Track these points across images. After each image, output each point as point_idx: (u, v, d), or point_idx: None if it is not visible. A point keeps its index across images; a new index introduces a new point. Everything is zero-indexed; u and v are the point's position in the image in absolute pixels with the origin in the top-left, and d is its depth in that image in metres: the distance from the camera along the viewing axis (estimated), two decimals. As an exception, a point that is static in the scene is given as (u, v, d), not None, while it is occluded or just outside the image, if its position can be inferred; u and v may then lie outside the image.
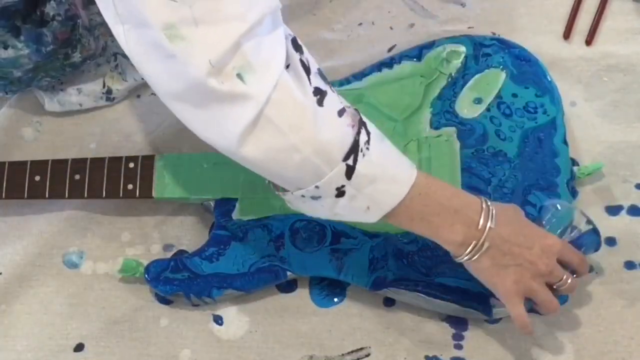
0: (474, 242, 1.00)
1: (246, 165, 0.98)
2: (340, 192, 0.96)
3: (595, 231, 1.11)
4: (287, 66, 0.94)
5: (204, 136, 0.97)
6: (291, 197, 1.00)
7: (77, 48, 1.20)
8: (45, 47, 1.17)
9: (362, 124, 0.98)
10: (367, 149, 0.96)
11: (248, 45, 0.91)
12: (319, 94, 0.96)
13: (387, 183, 0.97)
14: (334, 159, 0.95)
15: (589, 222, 1.11)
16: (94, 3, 1.07)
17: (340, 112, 0.96)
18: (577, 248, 1.09)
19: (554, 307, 1.06)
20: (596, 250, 1.12)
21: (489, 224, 1.00)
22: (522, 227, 1.04)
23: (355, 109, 1.00)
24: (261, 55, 0.92)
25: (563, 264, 1.07)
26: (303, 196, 0.98)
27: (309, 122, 0.94)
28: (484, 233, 1.00)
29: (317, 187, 0.96)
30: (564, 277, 1.06)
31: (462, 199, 1.01)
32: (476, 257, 1.01)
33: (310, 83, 0.95)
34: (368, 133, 0.98)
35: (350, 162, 0.95)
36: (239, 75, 0.91)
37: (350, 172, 0.95)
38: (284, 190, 1.00)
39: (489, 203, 1.02)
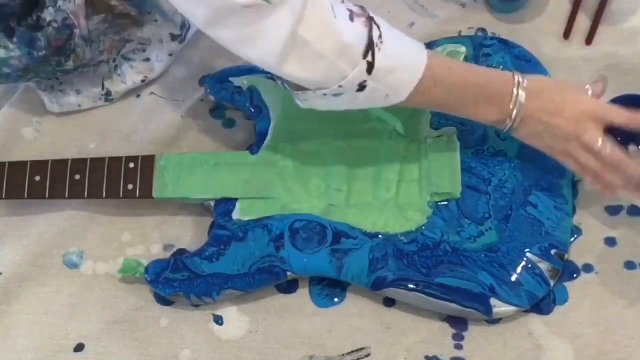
0: (508, 119, 1.08)
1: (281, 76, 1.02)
2: (361, 87, 1.01)
3: None
4: None
5: (245, 55, 1.00)
6: (310, 95, 1.03)
7: (70, 57, 1.20)
8: (38, 51, 1.17)
9: (370, 19, 1.01)
10: (381, 42, 1.00)
11: None
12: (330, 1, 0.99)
13: (403, 70, 1.02)
14: (355, 58, 0.99)
15: None
16: (98, 13, 1.08)
17: (351, 14, 1.00)
18: None
19: (606, 181, 1.08)
20: None
21: (519, 99, 1.07)
22: (554, 94, 1.08)
23: (361, 6, 1.02)
24: None
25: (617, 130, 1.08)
26: (324, 94, 1.02)
27: (332, 29, 0.97)
28: (515, 108, 1.07)
29: (340, 86, 1.00)
30: (600, 141, 1.06)
31: (494, 82, 1.07)
32: (513, 128, 1.09)
33: None
34: (378, 27, 1.01)
35: (369, 58, 0.99)
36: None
37: (370, 67, 1.00)
38: (303, 89, 1.03)
39: (521, 78, 1.07)
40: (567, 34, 1.30)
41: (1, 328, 1.19)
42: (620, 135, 1.15)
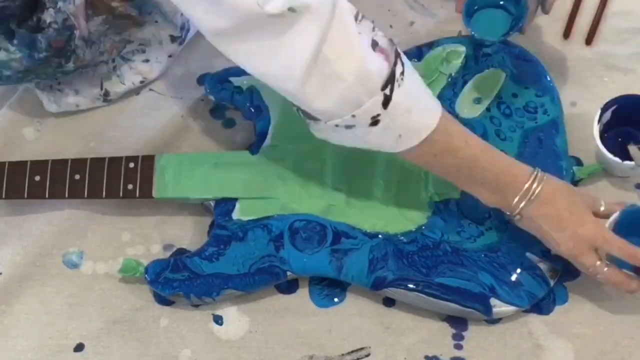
0: (507, 212, 1.08)
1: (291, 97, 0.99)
2: (374, 121, 0.99)
3: None
4: None
5: (263, 70, 0.97)
6: (323, 126, 1.01)
7: (71, 59, 1.20)
8: (39, 53, 1.16)
9: (397, 55, 1.00)
10: (402, 79, 0.99)
11: None
12: (355, 22, 0.97)
13: (419, 113, 1.01)
14: (373, 88, 0.97)
15: None
16: (98, 14, 1.07)
17: (374, 44, 0.98)
18: None
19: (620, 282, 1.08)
20: None
21: (522, 205, 1.06)
22: (562, 209, 1.06)
23: (390, 39, 1.01)
24: None
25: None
26: (337, 125, 0.99)
27: (355, 52, 0.95)
28: (518, 207, 1.06)
29: (353, 116, 0.98)
30: (597, 264, 1.06)
31: (508, 174, 1.06)
32: (514, 219, 1.08)
33: (350, 11, 0.97)
34: (403, 64, 1.00)
35: (387, 91, 0.97)
36: (290, 9, 0.92)
37: (387, 101, 0.98)
38: (316, 119, 1.01)
39: (536, 182, 1.06)
40: (567, 34, 1.30)
41: (1, 328, 1.19)
42: (621, 135, 1.16)
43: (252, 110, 1.23)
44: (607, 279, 1.08)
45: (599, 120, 1.17)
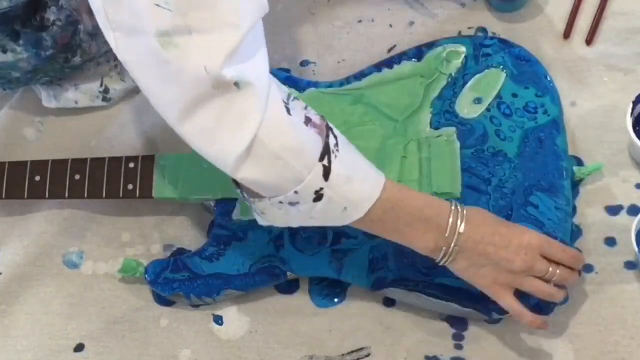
0: (444, 248, 1.03)
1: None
2: (318, 196, 0.98)
3: None
4: None
5: (206, 153, 0.97)
6: (267, 204, 1.00)
7: (77, 53, 1.20)
8: (45, 51, 1.17)
9: (328, 128, 1.00)
10: (338, 150, 0.98)
11: (242, 53, 0.92)
12: (286, 102, 0.97)
13: (361, 182, 0.99)
14: (311, 160, 0.96)
15: None
16: None
17: (307, 119, 0.98)
18: None
19: (550, 294, 1.07)
20: None
21: (457, 229, 1.02)
22: (496, 227, 1.05)
23: (322, 115, 1.01)
24: (253, 62, 0.93)
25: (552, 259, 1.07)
26: (281, 202, 0.98)
27: (288, 130, 0.95)
28: (453, 238, 1.02)
29: (296, 192, 0.97)
30: (550, 269, 1.06)
31: (432, 207, 1.03)
32: (451, 259, 1.04)
33: (281, 90, 0.98)
34: (335, 136, 1.00)
35: (325, 162, 0.97)
36: (236, 84, 0.92)
37: (327, 172, 0.97)
38: (260, 197, 1.00)
39: (459, 207, 1.04)
40: (567, 34, 1.30)
41: (1, 328, 1.19)
42: None
43: (252, 110, 1.23)
44: (561, 277, 1.07)
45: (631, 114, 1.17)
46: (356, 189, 0.99)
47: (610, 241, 1.19)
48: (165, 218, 1.23)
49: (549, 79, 1.22)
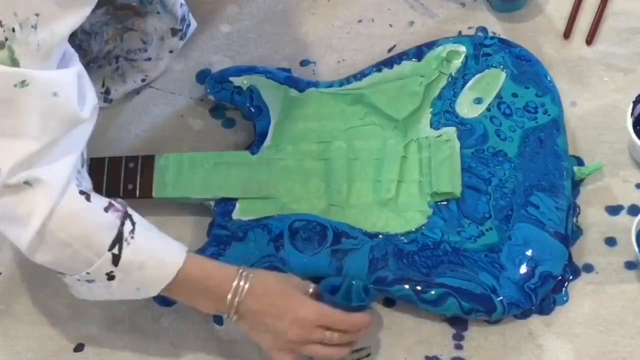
0: (225, 315, 1.08)
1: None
2: (110, 277, 1.04)
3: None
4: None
5: (6, 236, 1.03)
6: (69, 280, 1.05)
7: (79, 53, 1.19)
8: None
9: (127, 215, 1.05)
10: (132, 237, 1.04)
11: (40, 160, 0.98)
12: (85, 194, 1.02)
13: (153, 268, 1.05)
14: (100, 249, 1.02)
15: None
16: (100, 6, 1.07)
17: (109, 205, 1.04)
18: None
19: (329, 356, 1.10)
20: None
21: (237, 300, 1.07)
22: (276, 299, 1.08)
23: (124, 203, 1.06)
24: (55, 165, 1.00)
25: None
26: (79, 279, 1.04)
27: (81, 220, 1.01)
28: (232, 308, 1.07)
29: (88, 273, 1.03)
30: (327, 335, 1.08)
31: (216, 278, 1.08)
32: (234, 321, 1.09)
33: (80, 185, 1.03)
34: (133, 223, 1.05)
35: (115, 251, 1.02)
36: (27, 182, 0.98)
37: (116, 259, 1.03)
38: (62, 274, 1.05)
39: (243, 281, 1.07)
40: (567, 34, 1.30)
41: (1, 328, 1.19)
42: None
43: (252, 110, 1.23)
44: (343, 341, 1.09)
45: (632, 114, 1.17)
46: (148, 274, 1.05)
47: (611, 241, 1.19)
48: (165, 218, 1.23)
49: (549, 79, 1.22)
